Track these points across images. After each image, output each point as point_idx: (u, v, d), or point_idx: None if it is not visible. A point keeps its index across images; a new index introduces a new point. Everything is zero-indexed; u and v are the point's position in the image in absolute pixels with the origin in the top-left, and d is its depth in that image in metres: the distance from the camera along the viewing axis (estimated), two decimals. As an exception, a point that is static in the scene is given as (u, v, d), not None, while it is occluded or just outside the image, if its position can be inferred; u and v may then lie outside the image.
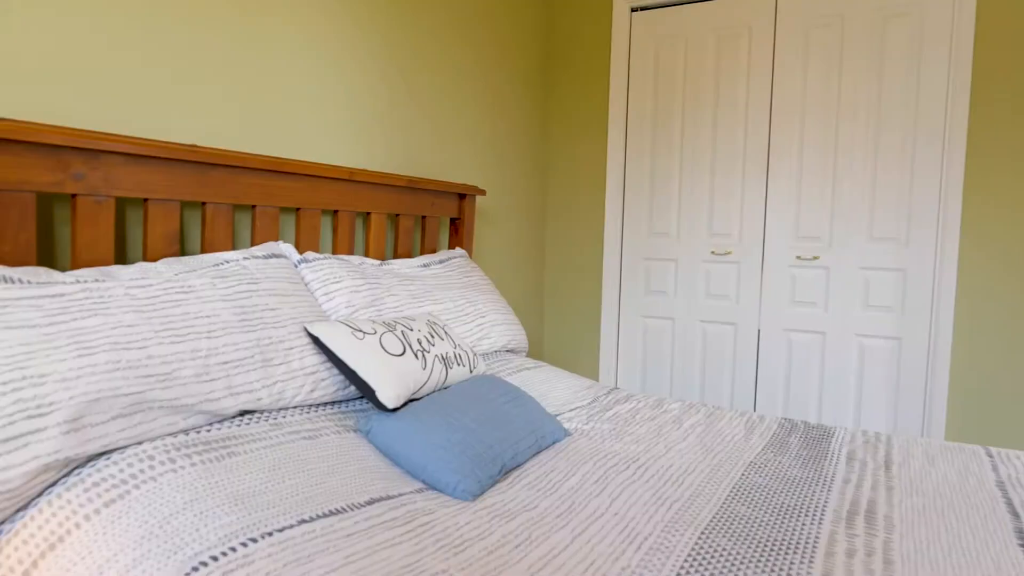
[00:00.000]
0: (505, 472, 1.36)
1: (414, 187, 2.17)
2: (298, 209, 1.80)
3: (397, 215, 2.18)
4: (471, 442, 1.34)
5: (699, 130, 2.95)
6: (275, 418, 1.34)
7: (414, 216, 2.28)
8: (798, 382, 2.81)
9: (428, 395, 1.49)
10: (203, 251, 1.57)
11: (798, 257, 2.77)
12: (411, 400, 1.51)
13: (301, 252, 1.83)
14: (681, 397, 3.06)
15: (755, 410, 2.90)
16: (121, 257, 1.50)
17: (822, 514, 1.21)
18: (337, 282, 1.69)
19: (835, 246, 2.70)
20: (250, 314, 1.36)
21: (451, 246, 2.49)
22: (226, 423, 1.26)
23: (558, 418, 1.77)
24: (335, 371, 1.48)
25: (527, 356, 3.26)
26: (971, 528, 1.17)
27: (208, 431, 1.21)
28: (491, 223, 2.89)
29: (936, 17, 2.49)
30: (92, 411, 1.05)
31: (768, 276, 2.84)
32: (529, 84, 3.07)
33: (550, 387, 1.98)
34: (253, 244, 1.70)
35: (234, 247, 1.74)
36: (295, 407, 1.41)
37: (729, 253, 2.92)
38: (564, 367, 3.33)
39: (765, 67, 2.79)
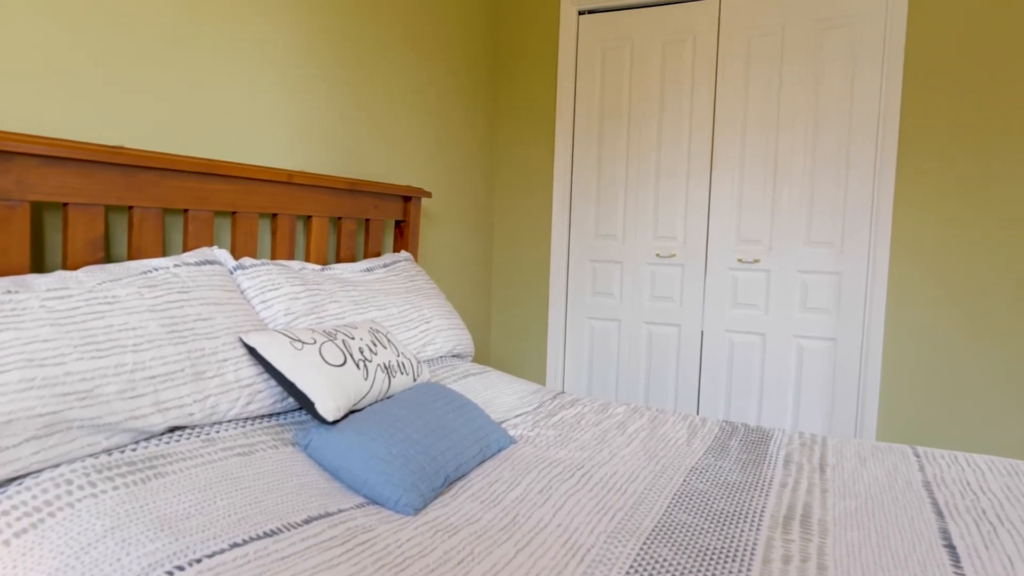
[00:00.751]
0: (449, 483, 1.34)
1: (357, 189, 2.12)
2: (234, 213, 1.73)
3: (339, 218, 2.13)
4: (414, 454, 1.32)
5: (645, 134, 2.98)
6: (208, 434, 1.28)
7: (357, 219, 2.23)
8: (740, 382, 2.87)
9: (370, 406, 1.46)
10: (130, 258, 1.49)
11: (740, 260, 2.84)
12: (352, 411, 1.47)
13: (237, 258, 1.76)
14: (627, 398, 3.10)
15: (698, 410, 2.96)
16: (39, 265, 1.42)
17: (760, 520, 1.23)
18: (275, 289, 1.64)
19: (775, 250, 2.77)
20: (181, 325, 1.30)
21: (396, 249, 2.45)
22: (154, 441, 1.20)
23: (503, 425, 1.76)
24: (272, 382, 1.43)
25: (473, 361, 3.25)
26: (899, 530, 1.21)
27: (134, 450, 1.15)
28: (437, 225, 2.86)
29: (870, 31, 2.58)
30: (2, 434, 0.98)
31: (711, 279, 2.89)
32: (476, 85, 3.05)
33: (495, 393, 1.97)
34: (185, 250, 1.62)
35: (164, 253, 1.66)
36: (230, 421, 1.35)
37: (673, 256, 2.96)
38: (511, 370, 3.32)
39: (709, 74, 2.84)
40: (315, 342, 1.45)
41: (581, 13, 3.06)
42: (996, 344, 2.47)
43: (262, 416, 1.42)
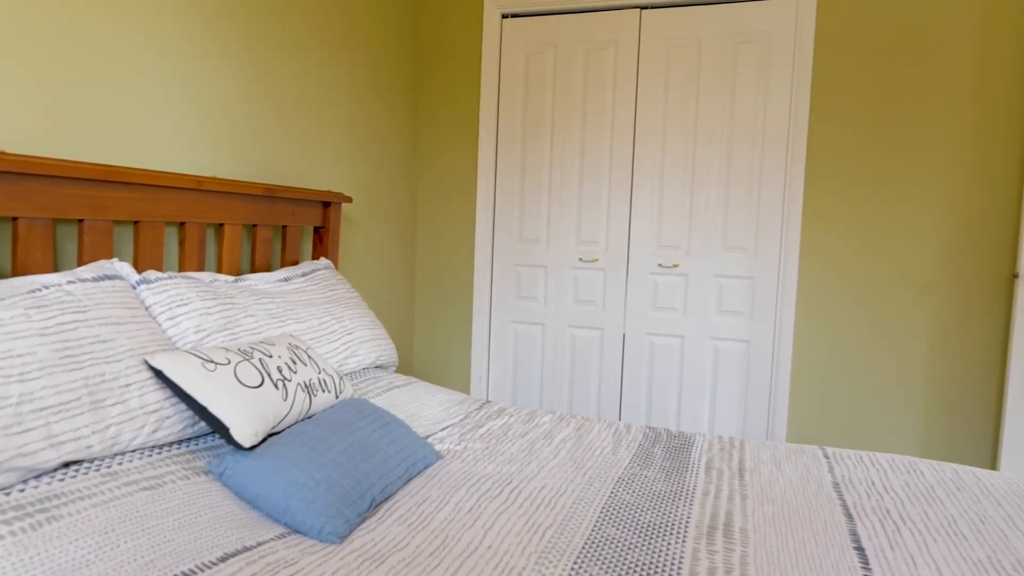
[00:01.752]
0: (375, 505, 1.30)
1: (273, 195, 2.02)
2: (136, 222, 1.61)
3: (254, 226, 2.03)
4: (338, 478, 1.27)
5: (568, 139, 3.00)
6: (109, 467, 1.18)
7: (273, 226, 2.13)
8: (660, 384, 2.95)
9: (290, 427, 1.39)
10: (15, 274, 1.36)
11: (660, 265, 2.91)
12: (271, 434, 1.40)
13: (140, 271, 1.64)
14: (551, 402, 3.12)
15: (621, 412, 3.01)
16: (-93, 282, 1.27)
17: (685, 531, 1.26)
18: (184, 304, 1.54)
19: (693, 255, 2.86)
20: (76, 349, 1.20)
21: (315, 256, 2.36)
22: (45, 479, 1.09)
23: (430, 439, 1.73)
24: (182, 406, 1.34)
25: (397, 370, 3.18)
26: (814, 534, 1.27)
27: (21, 491, 1.05)
28: (359, 231, 2.78)
29: (780, 46, 2.69)
30: None
31: (632, 283, 2.95)
32: (398, 88, 2.98)
33: (420, 405, 1.93)
34: (80, 264, 1.50)
35: (56, 268, 1.53)
36: (134, 451, 1.26)
37: (596, 260, 3.00)
38: (436, 377, 3.28)
39: (630, 81, 2.89)
40: (229, 362, 1.37)
41: (504, 16, 3.05)
42: (893, 346, 2.64)
43: (171, 443, 1.33)
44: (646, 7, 2.85)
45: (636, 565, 1.12)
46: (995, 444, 2.54)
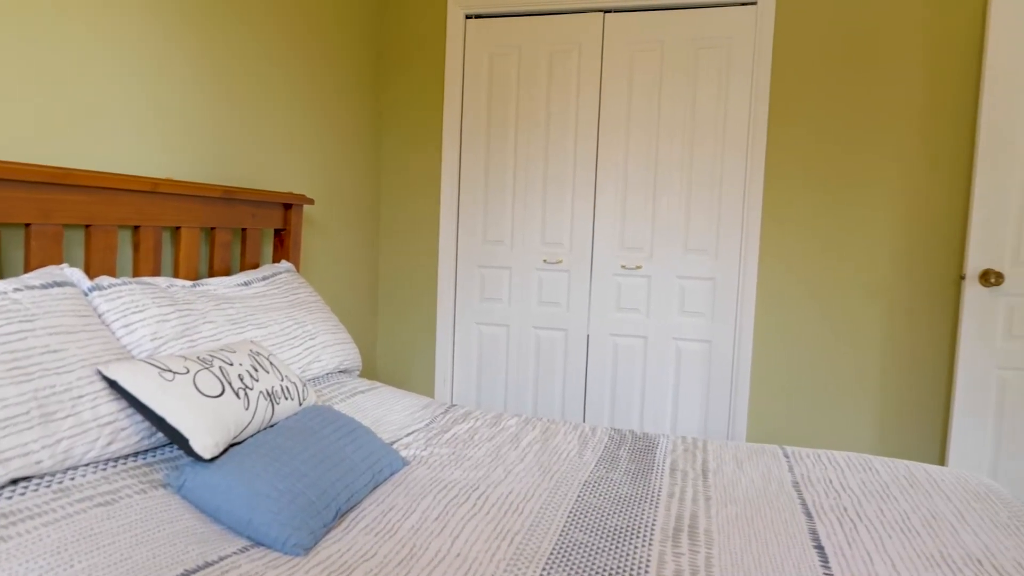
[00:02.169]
0: (341, 515, 1.28)
1: (232, 197, 1.97)
2: (88, 226, 1.56)
3: (212, 228, 1.98)
4: (302, 488, 1.24)
5: (532, 141, 3.01)
6: (61, 482, 1.14)
7: (232, 229, 2.08)
8: (623, 384, 2.98)
9: (252, 437, 1.36)
10: (-41, 281, 1.29)
11: (623, 266, 2.93)
12: (232, 444, 1.37)
13: (92, 277, 1.59)
14: (516, 404, 3.12)
15: (585, 413, 3.04)
16: None
17: (652, 534, 1.27)
18: (140, 311, 1.49)
19: (655, 256, 2.89)
20: (24, 360, 1.15)
21: (276, 259, 2.32)
22: (-7, 497, 1.05)
23: (395, 444, 1.71)
24: (138, 417, 1.30)
25: (360, 374, 3.15)
26: (775, 534, 1.30)
27: (-32, 511, 1.00)
28: (321, 233, 2.74)
29: (740, 52, 2.74)
30: None
31: (596, 284, 2.97)
32: (361, 88, 2.94)
33: (385, 411, 1.91)
34: (27, 271, 1.44)
35: (0, 276, 1.47)
36: (88, 465, 1.21)
37: (560, 262, 3.01)
38: (399, 379, 3.25)
39: (594, 84, 2.91)
40: (188, 371, 1.33)
41: (468, 17, 3.04)
42: (848, 345, 2.71)
43: (127, 456, 1.29)
44: (609, 11, 2.88)
45: (604, 570, 1.13)
46: (943, 440, 2.64)
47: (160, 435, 1.34)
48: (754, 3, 2.72)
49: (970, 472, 2.44)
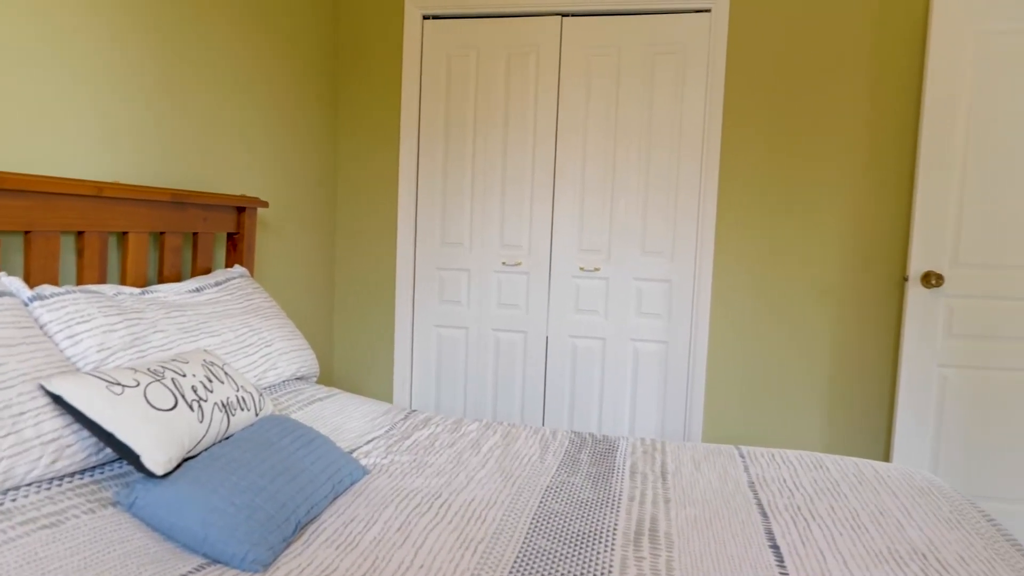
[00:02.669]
0: (300, 528, 1.26)
1: (182, 201, 1.91)
2: (27, 232, 1.49)
3: (162, 233, 1.91)
4: (261, 502, 1.21)
5: (490, 143, 3.00)
6: (2, 504, 1.09)
7: (183, 233, 2.02)
8: (582, 385, 3.00)
9: (207, 450, 1.32)
10: None
11: (581, 268, 2.96)
12: (186, 459, 1.33)
13: (33, 286, 1.52)
14: (475, 406, 3.12)
15: (544, 414, 3.05)
16: None
17: (613, 538, 1.29)
18: (85, 321, 1.43)
19: (613, 259, 2.93)
20: (-39, 377, 1.09)
21: (229, 264, 2.26)
22: (-72, 523, 0.99)
23: (355, 453, 1.69)
24: (85, 433, 1.25)
25: (318, 381, 3.10)
26: (733, 535, 1.32)
27: (-101, 539, 0.94)
28: (276, 236, 2.68)
29: (695, 58, 2.79)
30: None
31: (555, 286, 2.99)
32: (316, 88, 2.89)
33: (344, 418, 1.89)
34: (-36, 280, 1.37)
35: (-65, 283, 1.39)
36: (31, 485, 1.16)
37: (519, 264, 3.02)
38: (357, 384, 3.21)
39: (552, 87, 2.92)
40: (138, 384, 1.29)
41: (426, 17, 3.01)
42: (799, 345, 2.80)
43: (73, 474, 1.24)
44: (567, 15, 2.89)
45: (568, 577, 1.13)
46: (888, 436, 2.75)
47: (108, 450, 1.29)
48: (708, 11, 2.77)
49: (914, 467, 2.54)
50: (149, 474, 1.21)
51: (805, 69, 2.72)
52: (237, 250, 2.24)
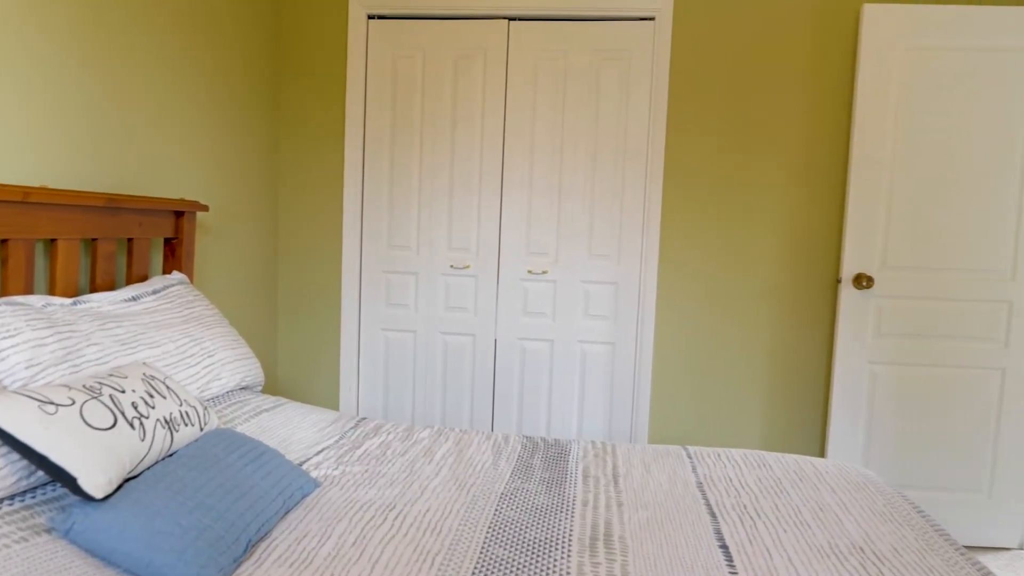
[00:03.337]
0: (251, 547, 1.22)
1: (116, 206, 1.83)
2: (-52, 241, 1.39)
3: (94, 240, 1.82)
4: (209, 522, 1.17)
5: (438, 145, 2.98)
6: (-77, 536, 1.01)
7: (117, 239, 1.93)
8: (530, 387, 3.02)
9: (150, 469, 1.27)
10: None
11: (529, 271, 2.97)
12: (128, 479, 1.27)
13: (-45, 298, 1.42)
14: (424, 410, 3.10)
15: (493, 417, 3.05)
16: None
17: (569, 544, 1.30)
18: (11, 336, 1.35)
19: (561, 262, 2.95)
20: None
21: (167, 270, 2.17)
22: None
23: (305, 464, 1.65)
24: (15, 456, 1.18)
25: (262, 390, 3.02)
26: (684, 537, 1.36)
27: None
28: (216, 241, 2.59)
29: (639, 64, 2.84)
30: None
31: (503, 289, 3.00)
32: (257, 88, 2.80)
33: (292, 429, 1.84)
34: None
35: None
36: (-45, 513, 1.09)
37: (467, 267, 3.01)
38: (302, 390, 3.14)
39: (499, 90, 2.92)
40: (73, 402, 1.22)
41: (371, 17, 2.97)
42: (740, 345, 2.89)
43: (1, 500, 1.16)
44: (514, 19, 2.90)
45: (526, 586, 1.14)
46: (823, 431, 2.87)
47: (41, 473, 1.22)
48: (652, 19, 2.83)
49: (848, 460, 2.66)
50: (87, 497, 1.15)
51: (745, 78, 2.81)
52: (175, 256, 2.15)
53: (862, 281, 2.61)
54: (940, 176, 2.61)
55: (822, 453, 2.86)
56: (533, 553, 1.26)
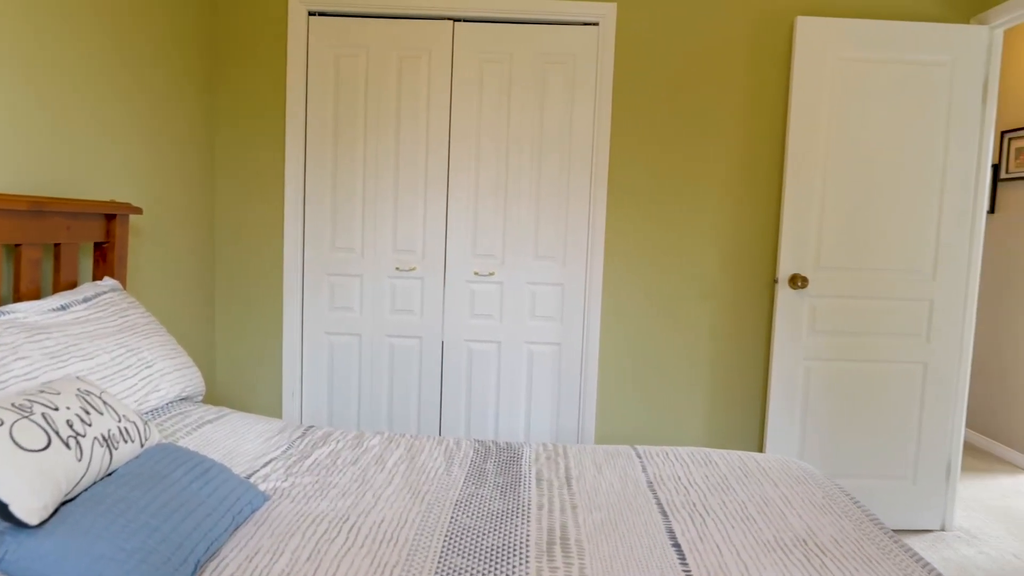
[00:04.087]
0: (200, 567, 1.18)
1: (42, 209, 1.72)
2: None
3: (17, 245, 1.71)
4: (154, 544, 1.13)
5: (382, 146, 2.94)
6: None
7: (43, 245, 1.82)
8: (478, 389, 3.02)
9: (87, 491, 1.21)
10: None
11: (476, 273, 2.97)
12: (65, 502, 1.20)
13: None
14: (370, 415, 3.05)
15: (441, 417, 3.04)
16: None
17: (527, 550, 1.31)
18: (-69, 352, 1.26)
19: (507, 263, 2.96)
20: None
21: (97, 277, 2.06)
22: None
23: (253, 477, 1.60)
24: (-63, 482, 1.10)
25: (203, 401, 2.91)
26: (638, 537, 1.39)
27: None
28: (150, 244, 2.47)
29: (584, 69, 2.88)
30: None
31: (450, 291, 2.98)
32: (193, 86, 2.69)
33: (238, 440, 1.79)
34: None
35: None
36: None
37: (413, 269, 2.99)
38: (243, 399, 3.04)
39: (444, 91, 2.90)
40: (2, 422, 1.15)
41: (312, 14, 2.89)
42: (684, 344, 2.97)
43: (-76, 530, 1.08)
44: (459, 20, 2.89)
45: (486, 594, 1.14)
46: (762, 425, 2.99)
47: (-33, 499, 1.14)
48: (596, 24, 2.87)
49: (785, 453, 2.77)
50: (21, 524, 1.09)
51: (687, 84, 2.88)
52: (107, 261, 2.05)
53: (797, 281, 2.72)
54: (868, 181, 2.75)
55: (761, 447, 2.97)
56: (491, 560, 1.26)
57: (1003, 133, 4.03)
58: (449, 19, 2.88)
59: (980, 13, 2.79)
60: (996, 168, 4.08)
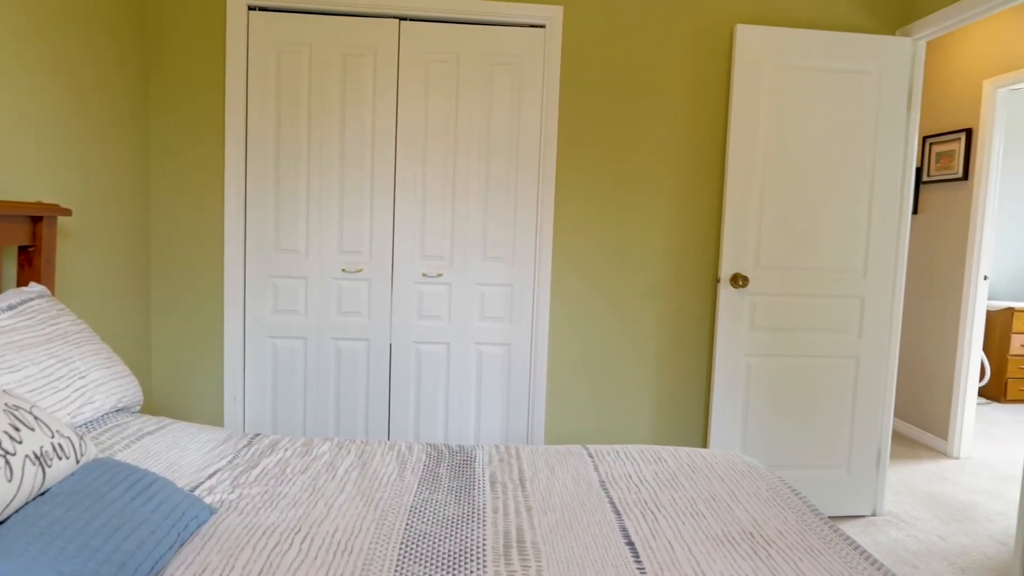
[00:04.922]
0: (142, 588, 1.13)
1: (-38, 212, 1.62)
2: None
3: (-65, 250, 1.60)
4: (95, 567, 1.07)
5: (326, 146, 2.88)
6: None
7: (-37, 248, 1.71)
8: (427, 390, 3.00)
9: (20, 512, 1.14)
10: None
11: (424, 274, 2.95)
12: (-9, 525, 1.13)
13: None
14: (316, 418, 2.99)
15: (389, 419, 3.01)
16: None
17: (484, 554, 1.31)
18: None
19: (456, 264, 2.95)
20: None
21: (22, 282, 1.95)
22: None
23: (197, 489, 1.55)
24: None
25: (141, 410, 2.79)
26: (593, 537, 1.41)
27: None
28: (80, 247, 2.35)
29: (531, 70, 2.89)
30: None
31: (398, 292, 2.95)
32: (124, 79, 2.57)
33: (180, 452, 1.72)
34: None
35: None
36: None
37: (360, 271, 2.94)
38: (182, 407, 2.93)
39: (390, 91, 2.87)
40: (-78, 442, 1.07)
41: (251, 8, 2.81)
42: (631, 342, 3.02)
43: None
44: (405, 18, 2.85)
45: (445, 602, 1.14)
46: (706, 420, 3.07)
47: None
48: (543, 27, 2.88)
49: (731, 450, 2.85)
50: (-54, 551, 1.02)
51: (632, 87, 2.93)
52: (33, 266, 1.94)
53: (738, 280, 2.81)
54: (804, 184, 2.86)
55: (706, 442, 3.06)
56: (448, 566, 1.26)
57: (925, 138, 4.26)
58: (395, 18, 2.85)
59: (905, 25, 2.94)
60: (919, 171, 4.31)
